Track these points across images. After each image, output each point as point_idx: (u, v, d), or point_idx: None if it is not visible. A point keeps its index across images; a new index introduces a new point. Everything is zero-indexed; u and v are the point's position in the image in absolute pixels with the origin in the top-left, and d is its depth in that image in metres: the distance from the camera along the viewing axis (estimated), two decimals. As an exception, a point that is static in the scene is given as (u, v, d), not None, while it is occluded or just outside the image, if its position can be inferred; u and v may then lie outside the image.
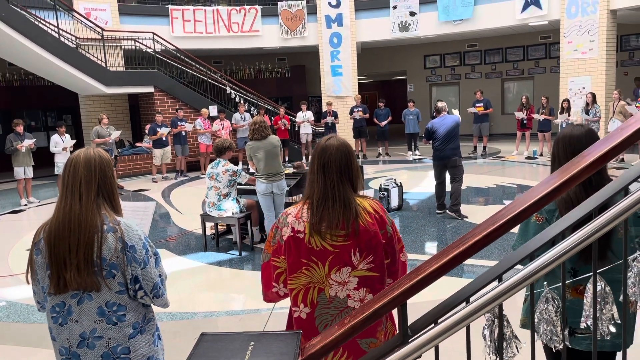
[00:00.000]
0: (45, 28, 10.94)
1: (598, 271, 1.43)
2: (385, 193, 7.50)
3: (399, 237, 2.03)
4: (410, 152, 13.70)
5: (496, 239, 1.38)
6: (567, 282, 1.54)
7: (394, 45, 16.89)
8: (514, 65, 17.36)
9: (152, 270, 1.87)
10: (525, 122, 12.29)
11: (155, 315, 2.01)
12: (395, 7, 14.30)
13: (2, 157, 9.59)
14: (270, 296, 2.04)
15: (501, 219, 1.37)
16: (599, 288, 1.45)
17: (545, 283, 1.53)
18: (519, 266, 1.40)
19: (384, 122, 13.63)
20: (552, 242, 1.41)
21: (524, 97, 12.52)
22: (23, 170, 9.32)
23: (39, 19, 11.04)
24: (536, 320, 1.51)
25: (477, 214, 7.24)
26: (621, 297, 1.44)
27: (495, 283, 1.38)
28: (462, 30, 14.13)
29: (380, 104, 13.98)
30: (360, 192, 2.02)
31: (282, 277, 1.96)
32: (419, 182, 10.09)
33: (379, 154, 14.00)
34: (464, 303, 1.37)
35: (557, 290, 1.67)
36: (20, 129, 9.30)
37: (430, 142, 7.06)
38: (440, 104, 7.25)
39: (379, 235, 1.90)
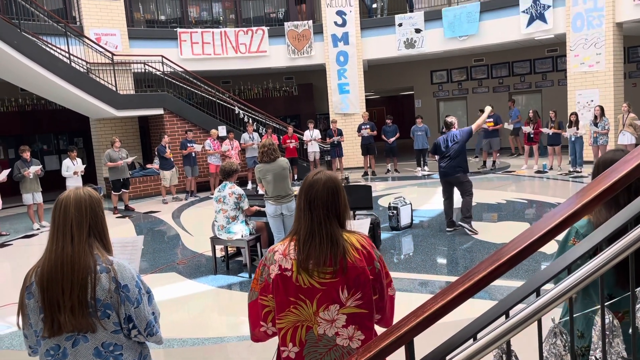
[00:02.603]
0: (56, 54, 11.14)
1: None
2: (395, 212, 7.48)
3: (387, 272, 1.99)
4: (420, 169, 13.68)
5: (502, 275, 1.38)
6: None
7: (401, 62, 16.98)
8: (521, 79, 17.36)
9: (145, 309, 1.87)
10: (532, 136, 12.27)
11: (150, 352, 2.01)
12: (400, 25, 14.41)
13: (14, 181, 9.70)
14: (258, 335, 2.00)
15: (506, 254, 1.37)
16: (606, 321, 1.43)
17: (553, 318, 1.52)
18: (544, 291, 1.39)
19: (392, 139, 13.65)
20: (569, 270, 1.39)
21: (531, 112, 12.51)
22: (31, 196, 9.43)
23: (51, 45, 11.26)
24: (545, 354, 1.49)
25: (489, 230, 7.20)
26: None
27: (502, 319, 1.38)
28: (468, 46, 14.19)
29: (388, 121, 14.02)
30: (348, 225, 1.98)
31: (271, 316, 1.92)
32: (428, 199, 10.06)
33: (388, 171, 14.00)
34: (471, 340, 1.37)
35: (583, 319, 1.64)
36: (26, 155, 9.41)
37: (437, 157, 7.12)
38: (449, 119, 7.29)
39: (367, 272, 1.87)
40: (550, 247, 2.38)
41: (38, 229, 9.53)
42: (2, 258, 7.80)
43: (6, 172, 9.03)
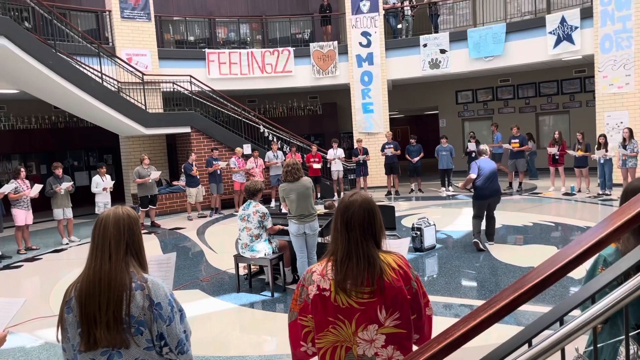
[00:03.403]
0: (89, 74, 11.50)
1: None
2: (418, 232, 7.44)
3: (424, 292, 2.02)
4: (444, 189, 13.58)
5: (524, 303, 1.38)
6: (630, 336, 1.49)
7: (425, 81, 17.01)
8: (548, 100, 17.19)
9: (177, 327, 1.92)
10: (557, 157, 12.10)
11: None
12: (425, 46, 14.47)
13: (44, 196, 9.97)
14: (299, 356, 2.03)
15: (529, 282, 1.38)
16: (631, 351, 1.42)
17: (577, 347, 1.50)
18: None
19: (416, 159, 13.62)
20: (593, 299, 1.38)
21: (556, 133, 12.36)
22: (62, 212, 9.68)
23: (84, 65, 11.64)
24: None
25: (515, 253, 7.09)
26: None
27: (525, 347, 1.37)
28: (493, 67, 14.15)
29: (412, 140, 14.01)
30: (384, 245, 2.02)
31: (310, 336, 1.96)
32: (453, 219, 9.97)
33: (412, 190, 13.93)
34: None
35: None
36: (59, 172, 9.68)
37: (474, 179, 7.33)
38: (483, 147, 7.68)
39: (404, 291, 1.90)
40: (579, 272, 2.35)
41: (67, 243, 9.74)
42: (32, 272, 7.99)
43: (38, 187, 9.30)
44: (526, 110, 17.60)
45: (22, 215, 9.06)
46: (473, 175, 7.30)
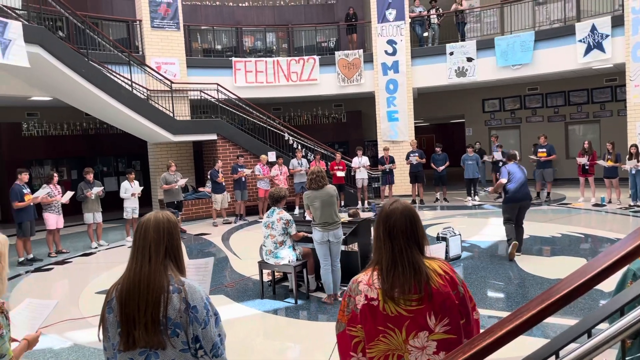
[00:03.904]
0: (119, 82, 11.78)
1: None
2: (444, 242, 7.37)
3: (470, 296, 2.01)
4: (470, 198, 13.43)
5: (552, 314, 1.36)
6: None
7: (451, 90, 16.89)
8: (578, 109, 16.87)
9: (212, 330, 1.95)
10: (587, 167, 11.85)
11: None
12: (451, 54, 14.38)
13: (75, 201, 10.23)
14: None
15: (557, 293, 1.36)
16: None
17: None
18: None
19: (442, 167, 13.51)
20: (621, 312, 1.36)
21: (586, 143, 12.12)
22: (92, 216, 9.91)
23: (115, 73, 11.92)
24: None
25: (542, 265, 6.97)
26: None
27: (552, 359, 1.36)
28: (521, 75, 13.98)
29: (438, 149, 13.90)
30: (427, 251, 2.03)
31: (360, 346, 1.95)
32: (479, 229, 9.84)
33: (437, 199, 13.81)
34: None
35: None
36: (90, 177, 9.93)
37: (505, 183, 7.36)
38: (513, 151, 7.76)
39: (452, 297, 1.90)
40: (608, 285, 2.31)
41: (96, 247, 9.95)
42: (62, 275, 8.18)
43: (70, 194, 9.56)
44: (555, 119, 17.30)
45: (54, 219, 9.31)
46: (504, 180, 7.32)
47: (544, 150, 12.58)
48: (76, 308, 6.06)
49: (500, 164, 13.07)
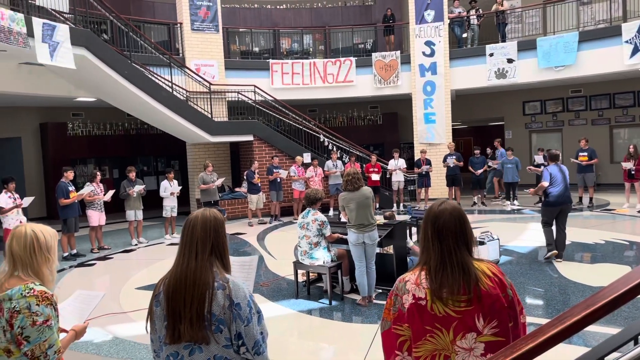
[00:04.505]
0: (160, 83, 12.07)
1: None
2: (485, 245, 7.23)
3: (518, 299, 1.99)
4: (509, 202, 13.14)
5: (597, 320, 1.33)
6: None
7: (491, 92, 16.59)
8: (624, 112, 16.28)
9: (254, 328, 1.98)
10: (632, 172, 11.42)
11: None
12: (491, 55, 14.12)
13: (117, 199, 10.53)
14: None
15: (603, 298, 1.33)
16: None
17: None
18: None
19: (480, 171, 13.28)
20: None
21: (631, 147, 11.69)
22: (134, 213, 10.19)
23: (156, 75, 12.22)
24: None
25: (584, 272, 6.76)
26: None
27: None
28: (564, 77, 13.60)
29: (476, 152, 13.66)
30: (475, 252, 2.02)
31: (406, 345, 1.95)
32: (518, 234, 9.62)
33: (474, 203, 13.57)
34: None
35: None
36: (132, 175, 10.21)
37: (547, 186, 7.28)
38: (555, 151, 7.58)
39: (501, 299, 1.89)
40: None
41: (136, 244, 10.21)
42: (104, 270, 8.44)
43: (111, 192, 9.86)
44: (599, 123, 16.75)
45: (96, 216, 9.61)
46: (545, 183, 7.22)
47: (585, 154, 12.21)
48: (117, 303, 6.23)
49: (542, 167, 12.76)
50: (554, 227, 7.39)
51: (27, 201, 8.45)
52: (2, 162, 14.33)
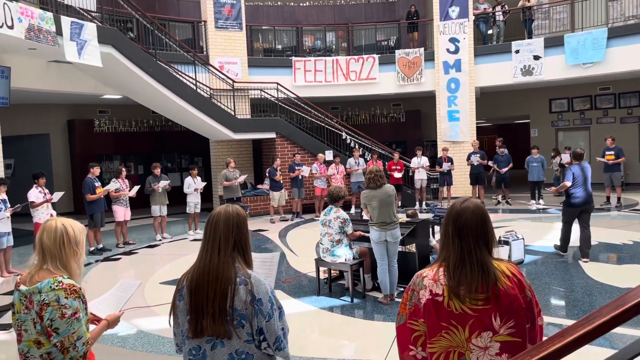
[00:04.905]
0: (184, 81, 12.20)
1: None
2: (506, 246, 7.14)
3: (537, 301, 1.97)
4: (534, 202, 12.94)
5: (625, 322, 1.30)
6: None
7: (516, 89, 16.33)
8: (654, 109, 15.86)
9: (275, 324, 1.99)
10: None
11: None
12: (517, 52, 13.90)
13: (141, 194, 10.69)
14: (407, 359, 2.03)
15: (631, 300, 1.29)
16: None
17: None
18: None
19: (505, 169, 13.09)
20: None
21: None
22: (159, 209, 10.33)
23: (180, 73, 12.37)
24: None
25: (611, 273, 6.62)
26: None
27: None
28: (592, 74, 13.31)
29: (501, 150, 13.50)
30: (495, 252, 2.00)
31: (421, 340, 1.95)
32: (543, 234, 9.46)
33: (498, 202, 13.39)
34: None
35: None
36: (157, 171, 10.35)
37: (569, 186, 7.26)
38: (580, 150, 7.50)
39: (519, 299, 1.87)
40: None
41: (160, 240, 10.36)
42: (129, 265, 8.58)
43: (136, 188, 10.02)
44: (628, 121, 16.35)
45: (122, 212, 9.78)
46: (568, 183, 7.19)
47: (612, 152, 11.95)
48: (141, 297, 6.33)
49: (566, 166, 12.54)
50: (576, 226, 7.34)
51: (57, 196, 8.63)
52: (31, 158, 14.69)
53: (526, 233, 8.04)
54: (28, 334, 2.24)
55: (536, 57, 13.70)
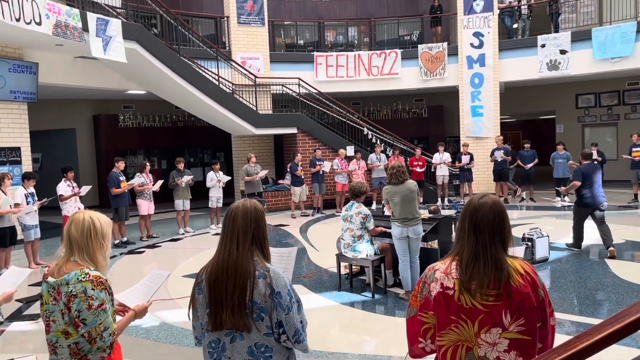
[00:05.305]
0: (207, 76, 12.30)
1: None
2: (530, 243, 7.04)
3: (550, 301, 1.96)
4: (559, 199, 12.71)
5: (659, 321, 1.26)
6: None
7: (542, 84, 16.05)
8: (686, 104, 15.42)
9: (294, 317, 2.00)
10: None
11: (297, 359, 2.12)
12: (543, 46, 13.64)
13: (165, 189, 10.83)
14: (416, 351, 2.04)
15: (665, 298, 1.26)
16: None
17: None
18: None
19: (530, 165, 12.88)
20: None
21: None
22: (182, 203, 10.45)
23: (203, 68, 12.46)
24: None
25: (637, 272, 6.46)
26: None
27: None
28: (620, 69, 13.00)
29: (526, 145, 13.27)
30: (511, 250, 1.99)
31: (430, 333, 1.96)
32: (568, 231, 9.25)
33: (522, 199, 13.19)
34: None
35: None
36: (181, 166, 10.48)
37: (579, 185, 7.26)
38: (589, 150, 7.70)
39: (531, 298, 1.86)
40: None
41: (183, 233, 10.49)
42: (153, 258, 8.71)
43: (160, 182, 10.15)
44: (658, 116, 15.94)
45: (146, 206, 9.92)
46: (578, 183, 7.20)
47: (639, 149, 11.65)
48: (165, 290, 6.42)
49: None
50: (589, 223, 7.39)
51: (85, 190, 8.79)
52: (58, 152, 15.00)
53: (551, 230, 7.90)
54: (56, 324, 2.28)
55: (563, 52, 13.43)
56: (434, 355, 2.01)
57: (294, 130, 13.71)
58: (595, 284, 6.12)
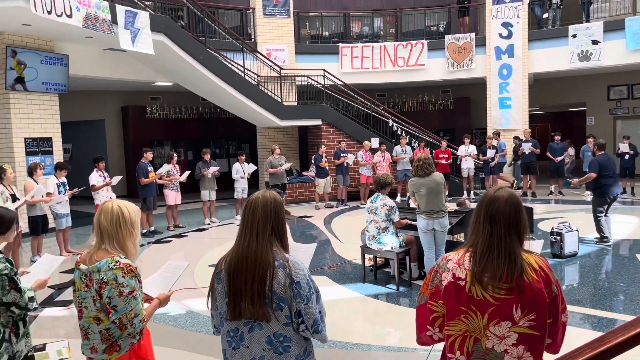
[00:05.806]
0: (233, 68, 12.36)
1: None
2: (558, 237, 6.91)
3: (563, 297, 1.93)
4: (589, 192, 12.41)
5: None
6: None
7: (572, 75, 15.66)
8: None
9: (313, 307, 2.01)
10: None
11: (314, 349, 2.14)
12: (574, 36, 13.30)
13: (191, 179, 10.96)
14: (423, 339, 2.05)
15: None
16: None
17: None
18: None
19: (559, 158, 12.62)
20: None
21: None
22: (208, 194, 10.58)
23: (229, 60, 12.53)
24: None
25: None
26: None
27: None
28: (655, 59, 12.59)
29: (557, 138, 13.00)
30: (527, 245, 1.97)
31: (439, 322, 1.97)
32: (597, 226, 9.08)
33: (551, 192, 12.95)
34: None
35: None
36: (207, 157, 10.59)
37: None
38: (602, 141, 7.67)
39: (544, 294, 1.84)
40: None
41: (208, 224, 10.62)
42: (179, 247, 8.85)
43: (187, 173, 10.29)
44: (694, 108, 15.42)
45: (173, 196, 10.07)
46: (594, 175, 7.12)
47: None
48: (191, 279, 6.52)
49: (627, 157, 12.02)
50: (618, 218, 7.51)
51: (116, 180, 8.96)
52: (87, 143, 15.32)
53: (580, 225, 7.74)
54: (88, 310, 2.34)
55: (594, 42, 13.08)
56: (442, 343, 2.02)
57: (318, 122, 13.70)
58: (627, 279, 5.98)
